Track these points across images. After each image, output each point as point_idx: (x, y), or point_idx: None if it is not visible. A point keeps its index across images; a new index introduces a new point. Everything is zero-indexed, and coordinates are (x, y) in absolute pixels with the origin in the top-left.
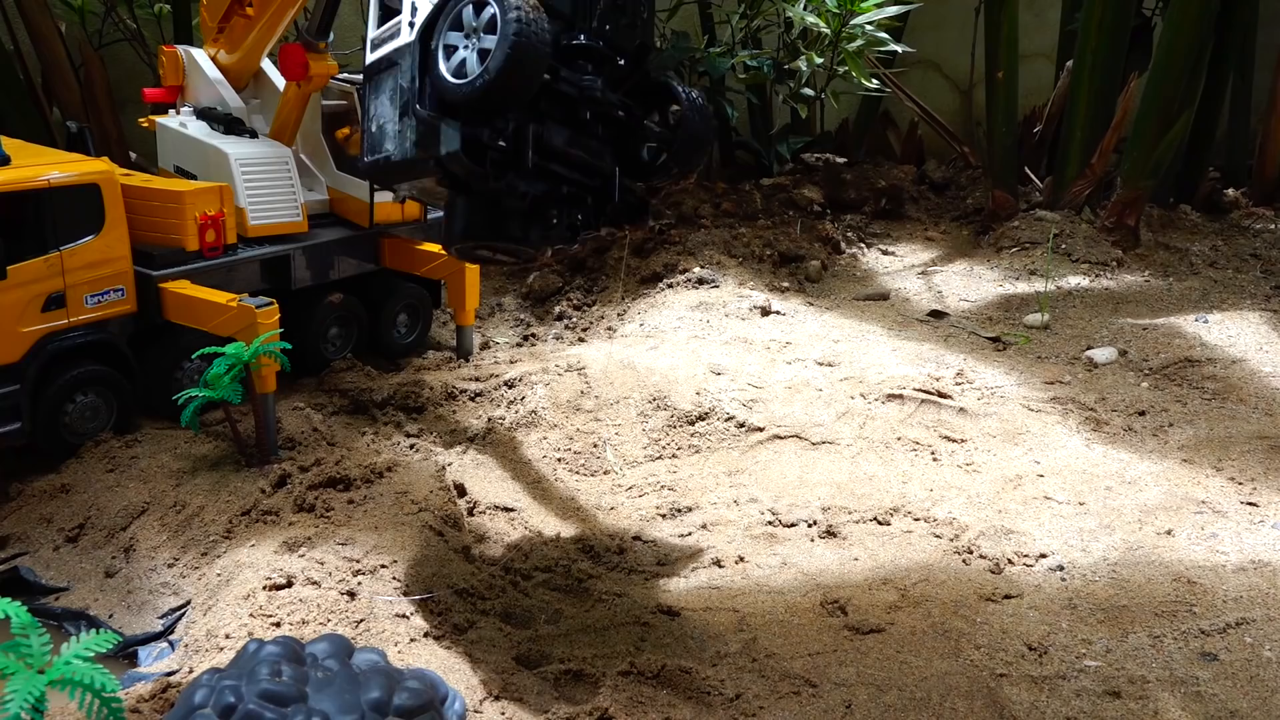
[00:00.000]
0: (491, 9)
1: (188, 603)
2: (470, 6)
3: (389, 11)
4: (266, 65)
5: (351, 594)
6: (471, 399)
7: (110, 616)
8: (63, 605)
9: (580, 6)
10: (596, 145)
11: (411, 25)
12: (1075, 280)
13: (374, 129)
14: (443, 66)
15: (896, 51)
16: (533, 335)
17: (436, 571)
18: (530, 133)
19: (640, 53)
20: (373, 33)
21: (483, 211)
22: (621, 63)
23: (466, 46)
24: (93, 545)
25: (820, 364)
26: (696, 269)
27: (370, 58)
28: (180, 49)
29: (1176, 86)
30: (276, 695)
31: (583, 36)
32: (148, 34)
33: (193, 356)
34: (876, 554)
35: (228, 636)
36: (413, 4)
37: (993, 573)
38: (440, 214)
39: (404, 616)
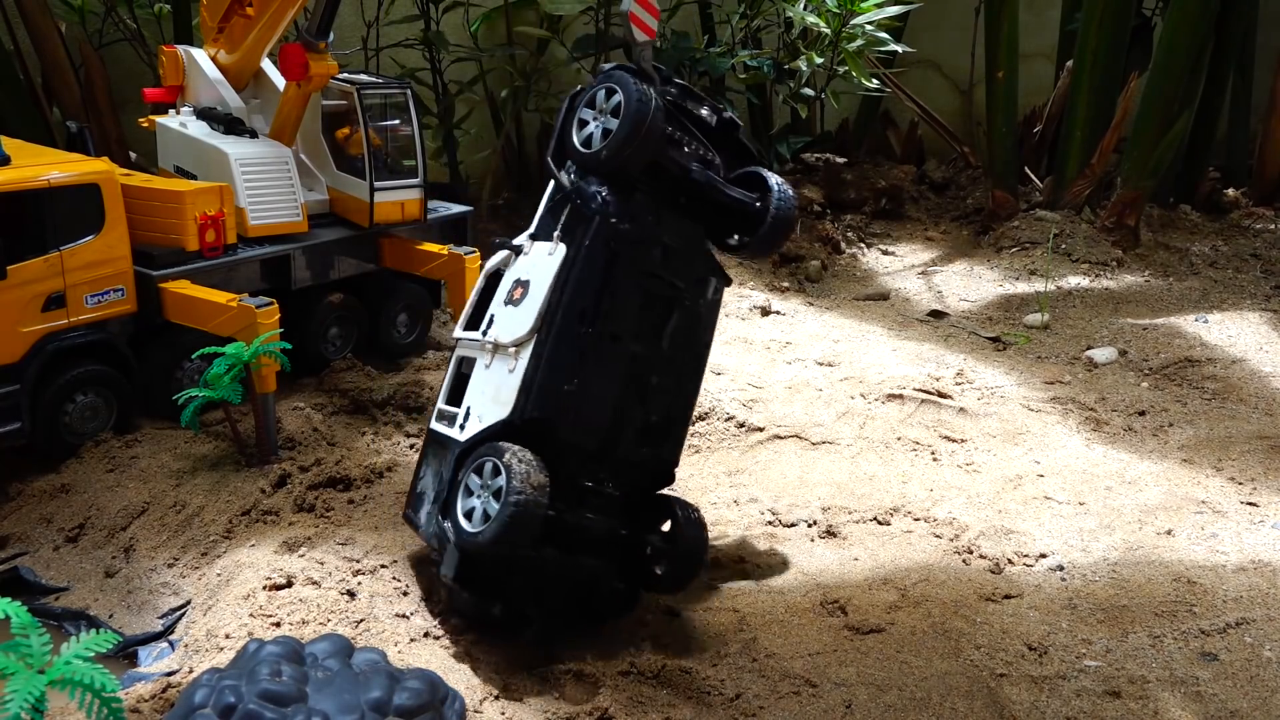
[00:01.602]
0: (501, 480)
1: (188, 603)
2: (490, 464)
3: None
4: (266, 65)
5: (351, 594)
6: None
7: (110, 616)
8: (63, 605)
9: (606, 443)
10: (602, 567)
11: (462, 427)
12: (1075, 280)
13: (418, 489)
14: (459, 509)
15: (896, 51)
16: None
17: (437, 572)
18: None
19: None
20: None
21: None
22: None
23: (479, 497)
24: (93, 545)
25: (820, 364)
26: None
27: (433, 424)
28: (180, 49)
29: (1176, 86)
30: (276, 695)
31: (603, 474)
32: (148, 34)
33: (193, 356)
34: (876, 554)
35: (228, 636)
36: (476, 414)
37: (993, 573)
38: (440, 211)
39: (404, 616)
